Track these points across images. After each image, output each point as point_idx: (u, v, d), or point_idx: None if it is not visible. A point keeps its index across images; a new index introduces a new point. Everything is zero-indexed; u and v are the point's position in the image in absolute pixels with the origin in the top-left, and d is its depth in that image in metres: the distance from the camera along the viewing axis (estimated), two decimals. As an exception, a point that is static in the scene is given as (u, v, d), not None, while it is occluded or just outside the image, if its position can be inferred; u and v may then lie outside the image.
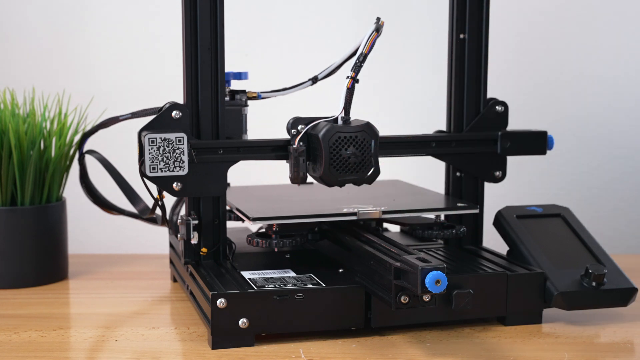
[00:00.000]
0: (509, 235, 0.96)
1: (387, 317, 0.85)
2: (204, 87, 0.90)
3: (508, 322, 0.89)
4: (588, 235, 0.97)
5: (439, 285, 0.73)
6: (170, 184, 0.89)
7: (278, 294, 0.82)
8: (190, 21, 0.89)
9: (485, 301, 0.87)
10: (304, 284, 0.84)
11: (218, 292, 0.81)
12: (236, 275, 0.87)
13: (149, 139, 0.86)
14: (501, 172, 1.00)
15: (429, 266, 0.73)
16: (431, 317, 0.86)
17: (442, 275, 0.73)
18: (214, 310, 0.80)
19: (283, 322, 0.82)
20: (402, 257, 0.77)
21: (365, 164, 0.88)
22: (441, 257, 0.96)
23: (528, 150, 0.99)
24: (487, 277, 0.88)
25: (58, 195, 1.09)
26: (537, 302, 0.89)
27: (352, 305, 0.84)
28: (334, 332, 0.85)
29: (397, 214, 0.92)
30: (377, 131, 0.88)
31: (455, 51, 0.99)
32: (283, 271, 0.89)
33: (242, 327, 0.81)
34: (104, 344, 0.84)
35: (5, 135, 1.03)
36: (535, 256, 0.92)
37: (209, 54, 0.90)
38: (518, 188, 1.38)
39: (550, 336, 0.86)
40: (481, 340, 0.85)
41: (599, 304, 0.89)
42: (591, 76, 1.38)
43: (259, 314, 0.82)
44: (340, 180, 0.87)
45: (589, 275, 0.89)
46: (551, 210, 1.00)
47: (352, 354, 0.81)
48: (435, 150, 0.97)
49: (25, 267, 1.06)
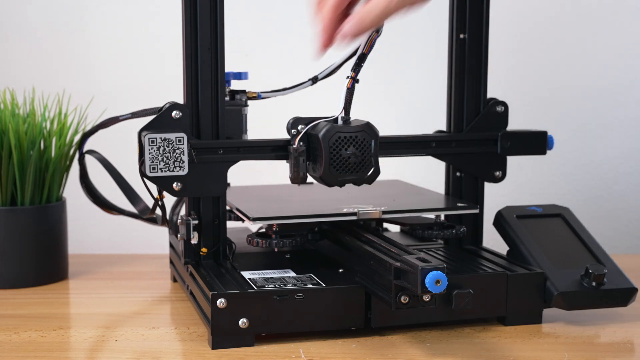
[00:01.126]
0: (509, 235, 0.96)
1: (387, 317, 0.85)
2: (204, 87, 0.90)
3: (508, 322, 0.89)
4: (588, 235, 0.97)
5: (439, 285, 0.73)
6: (170, 184, 0.89)
7: (278, 294, 0.82)
8: (190, 21, 0.89)
9: (485, 301, 0.87)
10: (304, 284, 0.84)
11: (218, 292, 0.81)
12: (236, 275, 0.87)
13: (149, 139, 0.86)
14: (501, 172, 1.00)
15: (429, 266, 0.73)
16: (431, 317, 0.86)
17: (442, 275, 0.73)
18: (214, 310, 0.80)
19: (283, 322, 0.82)
20: (402, 257, 0.77)
21: (365, 164, 0.88)
22: (441, 257, 0.96)
23: (528, 150, 0.99)
24: (487, 277, 0.88)
25: (58, 195, 1.09)
26: (537, 302, 0.89)
27: (352, 305, 0.84)
28: (334, 332, 0.85)
29: (397, 214, 0.92)
30: (377, 131, 0.88)
31: (456, 51, 0.99)
32: (283, 271, 0.89)
33: (242, 327, 0.81)
34: (104, 344, 0.84)
35: (5, 135, 1.03)
36: (535, 256, 0.92)
37: (209, 54, 0.90)
38: (518, 188, 1.38)
39: (550, 336, 0.86)
40: (481, 340, 0.85)
41: (599, 304, 0.89)
42: (592, 76, 1.38)
43: (259, 314, 0.81)
44: (340, 180, 0.87)
45: (589, 275, 0.89)
46: (551, 210, 1.00)
47: (352, 354, 0.81)
48: (435, 151, 0.97)
49: (25, 267, 1.06)
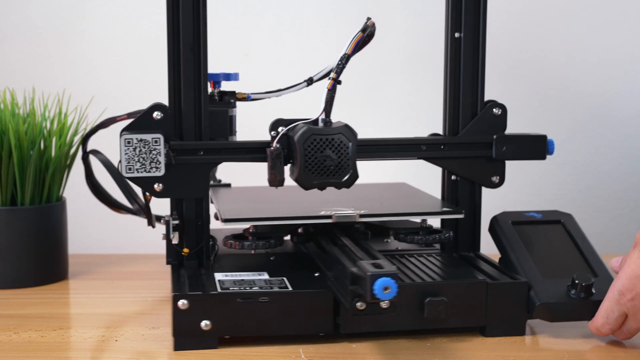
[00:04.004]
0: (501, 242, 0.92)
1: (356, 323, 0.83)
2: (187, 88, 0.90)
3: (488, 333, 0.85)
4: (587, 243, 0.92)
5: (387, 292, 0.71)
6: (151, 185, 0.89)
7: (242, 297, 0.81)
8: (172, 22, 0.89)
9: (463, 310, 0.84)
10: (270, 287, 0.83)
11: (180, 293, 0.80)
12: (210, 276, 0.87)
13: (125, 140, 0.86)
14: (499, 177, 0.96)
15: (378, 272, 0.71)
16: (404, 325, 0.83)
17: (392, 281, 0.70)
18: (176, 311, 0.80)
19: (247, 325, 0.81)
20: (359, 263, 0.75)
21: (342, 168, 0.86)
22: (430, 263, 0.93)
23: (526, 154, 0.95)
24: (465, 286, 0.84)
25: (58, 195, 1.09)
26: (521, 312, 0.85)
27: (320, 310, 0.82)
28: (334, 332, 0.84)
29: (375, 218, 0.90)
30: (355, 133, 0.86)
31: (451, 51, 0.96)
32: (258, 273, 0.88)
33: (205, 329, 0.80)
34: (104, 344, 0.84)
35: (5, 135, 1.03)
36: (523, 264, 0.88)
37: (192, 55, 0.90)
38: (520, 189, 1.37)
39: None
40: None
41: (586, 317, 0.84)
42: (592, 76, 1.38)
43: (222, 316, 0.81)
44: (316, 183, 0.86)
45: (575, 285, 0.84)
46: (551, 216, 0.96)
47: (353, 354, 0.80)
48: (426, 154, 0.94)
49: (25, 267, 1.06)
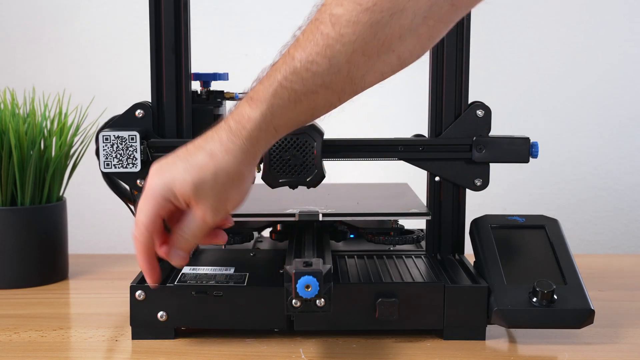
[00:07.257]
0: (476, 245, 0.91)
1: (309, 321, 0.84)
2: (169, 87, 0.93)
3: (446, 336, 0.85)
4: (565, 250, 0.89)
5: (309, 290, 0.72)
6: (133, 181, 0.92)
7: (196, 290, 0.83)
8: (154, 22, 0.91)
9: (418, 312, 0.84)
10: (226, 282, 0.85)
11: (137, 284, 0.84)
12: (179, 270, 0.90)
13: (103, 137, 0.90)
14: (482, 180, 0.94)
15: (302, 270, 0.72)
16: (357, 324, 0.84)
17: (313, 280, 0.71)
18: (133, 301, 0.83)
19: (201, 317, 0.84)
20: (294, 260, 0.76)
21: (307, 167, 0.87)
22: (404, 265, 0.92)
23: (507, 157, 0.92)
24: (420, 287, 0.84)
25: (58, 195, 1.10)
26: (480, 317, 0.84)
27: (273, 306, 0.83)
28: (335, 332, 0.85)
29: (337, 217, 0.90)
30: (322, 133, 0.87)
31: (434, 50, 0.95)
32: (225, 268, 0.90)
33: (161, 320, 0.83)
34: (104, 344, 0.85)
35: (5, 135, 1.04)
36: (490, 269, 0.87)
37: (173, 54, 0.92)
38: (513, 190, 1.35)
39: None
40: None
41: (546, 324, 0.82)
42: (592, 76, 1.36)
43: (178, 308, 0.83)
44: (282, 182, 0.87)
45: (536, 292, 0.82)
46: (535, 221, 0.93)
47: (352, 354, 0.81)
48: (403, 155, 0.93)
49: (25, 267, 1.06)
